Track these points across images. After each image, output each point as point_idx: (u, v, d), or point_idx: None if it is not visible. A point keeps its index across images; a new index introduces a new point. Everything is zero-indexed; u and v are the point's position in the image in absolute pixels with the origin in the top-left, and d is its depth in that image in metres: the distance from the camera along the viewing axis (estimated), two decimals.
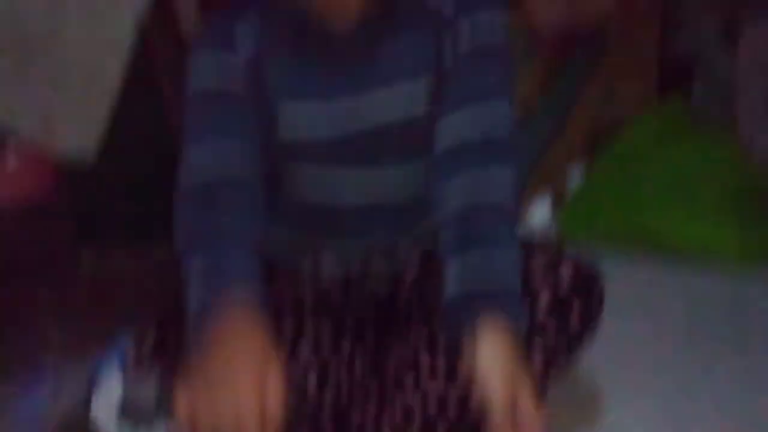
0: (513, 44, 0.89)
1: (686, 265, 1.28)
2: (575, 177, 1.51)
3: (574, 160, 1.54)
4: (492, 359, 0.68)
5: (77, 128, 1.16)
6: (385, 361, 0.87)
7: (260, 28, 0.83)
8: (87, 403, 0.91)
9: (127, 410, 0.89)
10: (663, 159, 1.41)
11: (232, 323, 0.68)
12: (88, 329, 1.17)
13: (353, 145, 0.85)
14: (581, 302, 0.81)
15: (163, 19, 1.23)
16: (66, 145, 1.17)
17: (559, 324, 0.81)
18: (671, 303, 1.19)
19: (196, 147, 0.81)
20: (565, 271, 0.81)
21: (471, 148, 0.79)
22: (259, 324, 0.69)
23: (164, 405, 0.94)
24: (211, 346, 0.68)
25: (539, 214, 1.52)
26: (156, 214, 0.85)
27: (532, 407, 0.66)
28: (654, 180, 1.37)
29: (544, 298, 0.81)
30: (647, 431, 0.92)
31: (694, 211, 1.32)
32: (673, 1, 1.59)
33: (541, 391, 0.80)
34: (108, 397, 0.89)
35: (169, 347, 0.85)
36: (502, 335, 0.70)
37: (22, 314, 1.18)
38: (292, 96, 0.83)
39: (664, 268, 1.29)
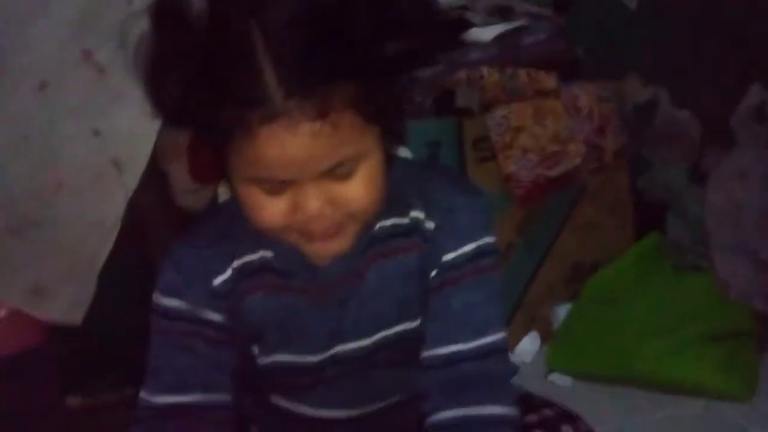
0: (488, 193, 0.92)
1: (672, 401, 1.29)
2: (560, 314, 1.55)
3: (556, 298, 1.58)
4: None
5: (64, 298, 1.20)
6: None
7: (239, 257, 0.77)
8: None
9: None
10: (643, 297, 1.45)
11: None
12: None
13: (337, 384, 0.82)
14: None
15: (156, 191, 1.30)
16: (53, 313, 1.21)
17: None
18: None
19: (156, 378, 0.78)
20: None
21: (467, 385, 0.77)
22: None
23: None
24: None
25: (527, 348, 1.55)
26: (143, 361, 0.87)
27: None
28: (635, 319, 1.41)
29: None
30: None
31: (677, 348, 1.34)
32: (641, 148, 1.69)
33: None
34: None
35: None
36: None
37: None
38: (269, 336, 0.79)
39: (656, 403, 1.30)
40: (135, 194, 1.22)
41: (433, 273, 0.77)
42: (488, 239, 0.78)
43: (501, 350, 0.78)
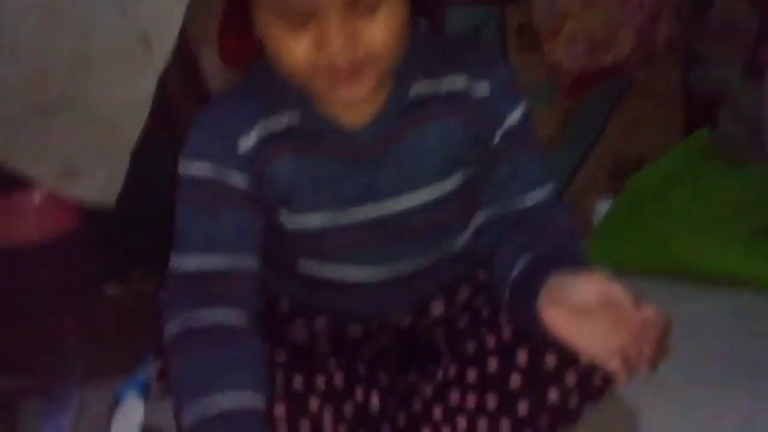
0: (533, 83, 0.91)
1: (717, 294, 1.27)
2: (602, 210, 1.51)
3: (599, 195, 1.54)
4: (589, 275, 0.69)
5: (97, 178, 1.19)
6: (410, 398, 0.83)
7: (264, 119, 0.77)
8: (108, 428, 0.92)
9: (148, 427, 0.90)
10: (690, 192, 1.40)
11: None
12: (112, 358, 1.18)
13: (369, 245, 0.82)
14: None
15: (186, 74, 1.27)
16: (86, 193, 1.20)
17: None
18: (704, 329, 1.17)
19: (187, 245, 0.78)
20: None
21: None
22: None
23: None
24: None
25: None
26: None
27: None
28: (681, 212, 1.37)
29: None
30: None
31: (723, 243, 1.30)
32: (695, 41, 1.60)
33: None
34: (128, 422, 0.90)
35: None
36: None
37: (47, 342, 1.20)
38: (299, 198, 0.79)
39: (695, 297, 1.27)
40: (165, 75, 1.19)
41: (497, 139, 0.80)
42: (526, 107, 0.82)
43: (556, 197, 0.83)
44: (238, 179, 0.77)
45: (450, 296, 0.92)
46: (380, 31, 0.69)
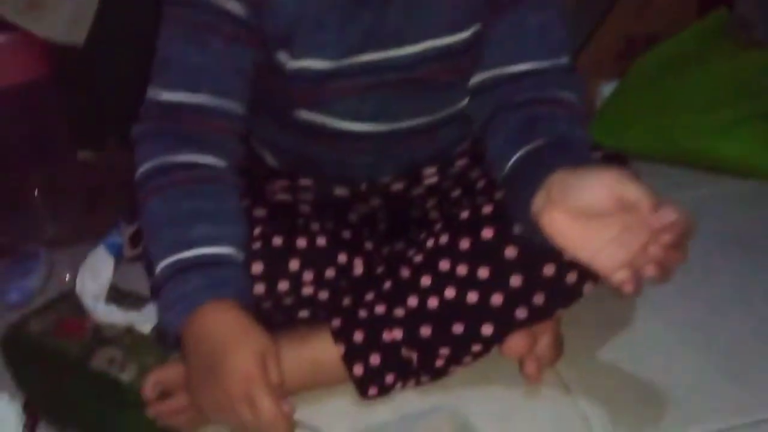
0: None
1: (719, 180, 1.22)
2: (605, 94, 1.42)
3: (604, 77, 1.45)
4: (601, 171, 0.62)
5: (63, 13, 1.09)
6: (397, 265, 0.78)
7: None
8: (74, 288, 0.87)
9: (117, 295, 0.85)
10: (698, 74, 1.31)
11: (204, 324, 0.66)
12: (83, 224, 1.13)
13: (369, 96, 0.76)
14: None
15: None
16: (52, 30, 1.10)
17: None
18: (704, 215, 1.12)
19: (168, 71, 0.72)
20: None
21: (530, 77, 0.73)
22: (232, 311, 0.66)
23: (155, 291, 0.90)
24: (194, 340, 0.66)
25: None
26: None
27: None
28: (687, 94, 1.28)
29: None
30: (677, 340, 0.86)
31: (727, 127, 1.23)
32: None
33: None
34: (96, 279, 0.84)
35: None
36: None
37: (15, 198, 1.13)
38: (301, 38, 0.72)
39: (697, 182, 1.22)
40: None
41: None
42: None
43: (574, 71, 0.75)
44: (235, 6, 0.70)
45: (444, 166, 0.87)
46: None
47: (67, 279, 1.06)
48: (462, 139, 0.87)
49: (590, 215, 0.62)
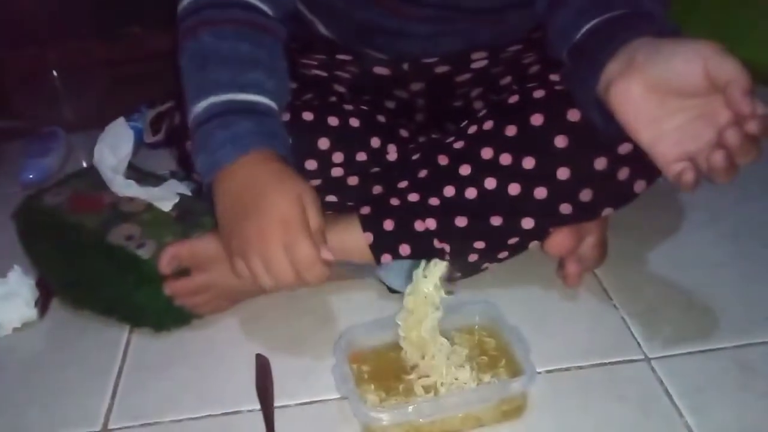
0: None
1: None
2: None
3: None
4: (698, 43, 0.53)
5: None
6: (435, 152, 0.73)
7: None
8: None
9: (136, 173, 0.81)
10: None
11: (246, 167, 0.62)
12: (103, 104, 1.09)
13: None
14: None
15: None
16: None
17: None
18: None
19: None
20: None
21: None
22: (275, 161, 0.63)
23: (178, 171, 0.86)
24: (236, 181, 0.62)
25: None
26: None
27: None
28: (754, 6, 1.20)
29: None
30: (724, 253, 0.80)
31: None
32: None
33: None
34: (115, 152, 0.79)
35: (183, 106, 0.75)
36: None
37: (33, 77, 1.09)
38: None
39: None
40: None
41: None
42: None
43: None
44: None
45: (495, 50, 0.79)
46: None
47: (83, 162, 1.03)
48: (524, 34, 0.79)
49: (671, 91, 0.54)
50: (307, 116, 0.73)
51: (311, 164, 0.74)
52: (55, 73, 1.10)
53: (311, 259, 0.59)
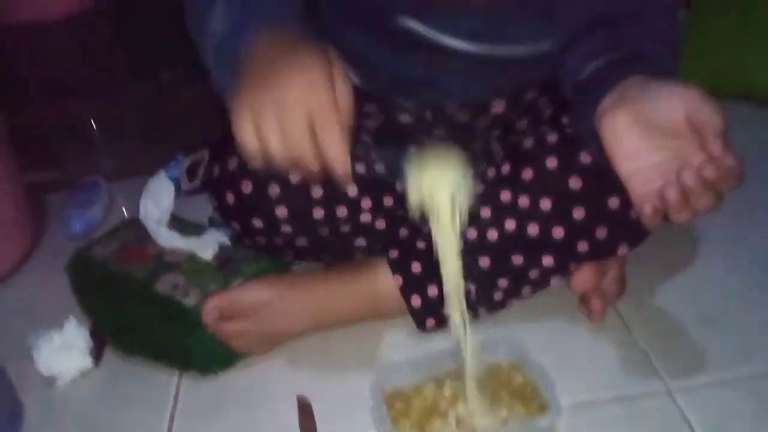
0: None
1: None
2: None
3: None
4: (683, 86, 0.57)
5: None
6: None
7: None
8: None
9: (178, 223, 0.86)
10: None
11: (278, 33, 0.59)
12: (140, 157, 1.14)
13: (475, 13, 0.73)
14: None
15: None
16: None
17: None
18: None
19: None
20: None
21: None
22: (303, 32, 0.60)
23: (217, 223, 0.91)
24: (259, 52, 0.58)
25: None
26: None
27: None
28: (759, 24, 1.21)
29: None
30: (738, 281, 0.84)
31: None
32: None
33: None
34: (158, 205, 0.85)
35: (221, 158, 0.80)
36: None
37: (73, 132, 1.15)
38: None
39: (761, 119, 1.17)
40: None
41: None
42: None
43: (675, 14, 0.70)
44: None
45: (514, 98, 0.84)
46: None
47: (124, 210, 1.08)
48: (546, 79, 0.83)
49: (654, 127, 0.58)
50: None
51: (342, 211, 0.78)
52: (94, 124, 1.15)
53: (340, 151, 0.54)
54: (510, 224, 0.74)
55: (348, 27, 0.78)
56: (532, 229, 0.73)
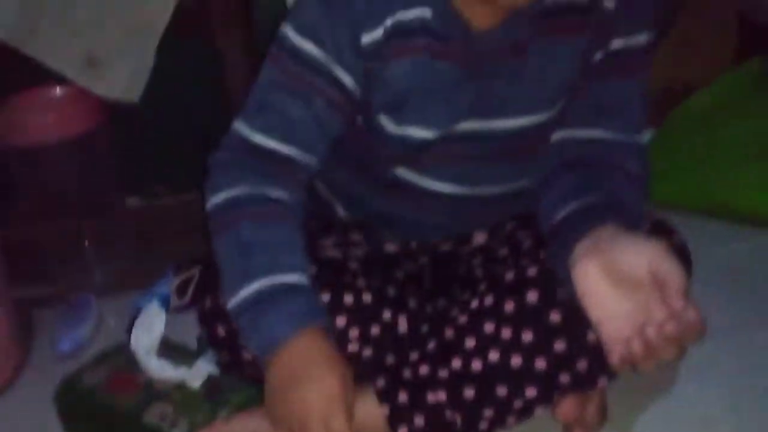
0: None
1: (756, 235, 1.20)
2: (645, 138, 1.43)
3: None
4: (648, 242, 0.63)
5: (120, 72, 1.13)
6: (441, 325, 0.80)
7: (396, 13, 0.70)
8: (127, 338, 0.89)
9: (168, 349, 0.87)
10: (738, 124, 1.31)
11: (301, 343, 0.69)
12: (131, 271, 1.16)
13: (462, 161, 0.78)
14: None
15: None
16: (109, 88, 1.14)
17: None
18: (740, 267, 1.12)
19: (255, 113, 0.74)
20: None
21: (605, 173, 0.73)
22: (325, 339, 0.70)
23: (205, 346, 0.92)
24: (290, 355, 0.69)
25: None
26: (202, 161, 0.81)
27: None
28: (727, 145, 1.28)
29: None
30: (715, 403, 0.86)
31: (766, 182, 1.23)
32: None
33: None
34: (149, 334, 0.87)
35: (213, 289, 0.82)
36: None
37: (66, 248, 1.17)
38: (410, 108, 0.74)
39: (733, 237, 1.21)
40: None
41: (599, 56, 0.73)
42: (653, 37, 0.74)
43: (645, 152, 0.76)
44: (345, 74, 0.72)
45: (494, 228, 0.88)
46: None
47: (113, 325, 1.09)
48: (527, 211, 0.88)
49: (622, 278, 0.63)
50: (325, 297, 0.79)
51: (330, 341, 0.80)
52: (86, 242, 1.18)
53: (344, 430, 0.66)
54: (494, 355, 0.76)
55: (339, 167, 0.82)
56: (515, 361, 0.76)
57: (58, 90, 1.19)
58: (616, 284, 0.63)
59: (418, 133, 0.76)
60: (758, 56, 1.45)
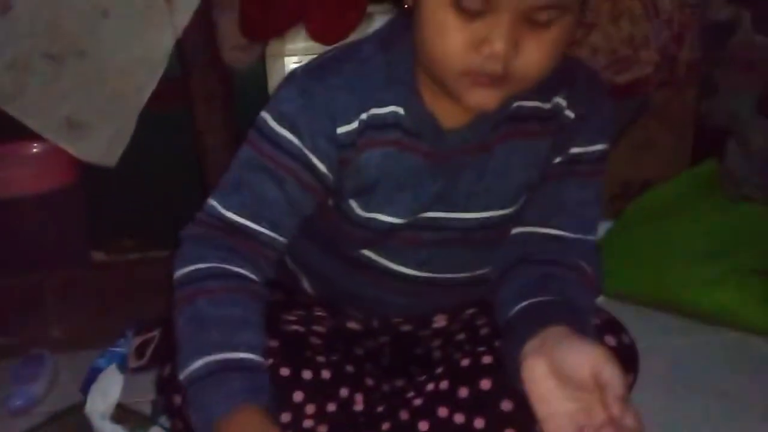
0: None
1: (707, 330, 1.25)
2: (600, 232, 1.48)
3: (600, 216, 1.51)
4: (592, 346, 0.65)
5: (101, 136, 1.15)
6: (397, 406, 0.81)
7: (371, 108, 0.74)
8: (82, 398, 0.89)
9: (123, 414, 0.87)
10: (691, 222, 1.38)
11: (236, 422, 0.68)
12: (90, 327, 1.16)
13: (423, 249, 0.82)
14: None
15: (202, 41, 1.21)
16: (88, 151, 1.16)
17: None
18: (690, 363, 1.17)
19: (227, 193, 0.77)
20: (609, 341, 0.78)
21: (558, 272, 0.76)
22: (262, 418, 0.69)
23: (160, 412, 0.91)
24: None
25: None
26: (173, 219, 0.83)
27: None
28: (680, 242, 1.34)
29: None
30: None
31: (717, 279, 1.28)
32: (711, 69, 1.58)
33: None
34: (104, 399, 0.87)
35: (172, 353, 0.83)
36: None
37: (27, 303, 1.16)
38: (378, 196, 0.77)
39: (684, 330, 1.26)
40: (183, 39, 1.15)
41: (558, 159, 0.78)
42: (609, 145, 0.79)
43: (597, 252, 0.80)
44: (320, 162, 0.75)
45: (454, 313, 0.91)
46: (542, 51, 0.65)
47: (68, 382, 1.08)
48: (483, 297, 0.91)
49: (565, 379, 0.66)
50: (284, 372, 0.80)
51: (286, 417, 0.80)
52: (48, 295, 1.17)
53: None
54: None
55: (306, 243, 0.85)
56: None
57: (34, 146, 1.20)
58: (561, 384, 0.66)
59: (385, 218, 0.79)
60: (712, 157, 1.53)
